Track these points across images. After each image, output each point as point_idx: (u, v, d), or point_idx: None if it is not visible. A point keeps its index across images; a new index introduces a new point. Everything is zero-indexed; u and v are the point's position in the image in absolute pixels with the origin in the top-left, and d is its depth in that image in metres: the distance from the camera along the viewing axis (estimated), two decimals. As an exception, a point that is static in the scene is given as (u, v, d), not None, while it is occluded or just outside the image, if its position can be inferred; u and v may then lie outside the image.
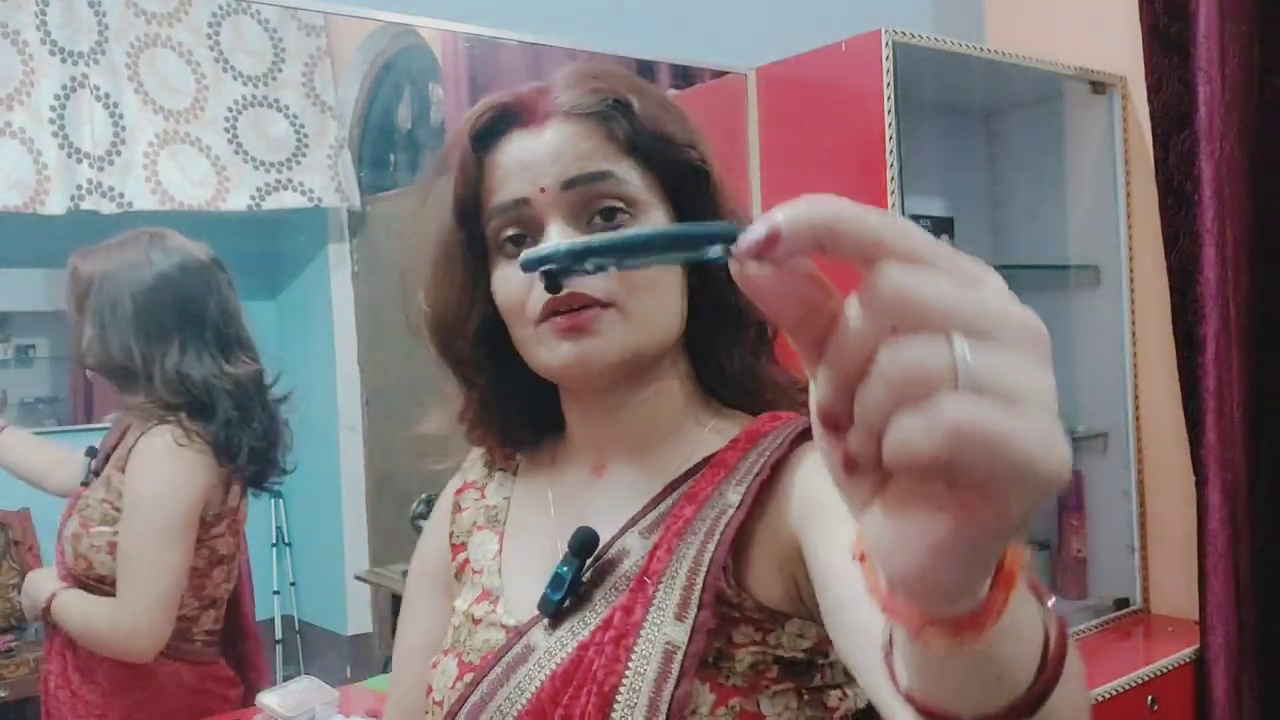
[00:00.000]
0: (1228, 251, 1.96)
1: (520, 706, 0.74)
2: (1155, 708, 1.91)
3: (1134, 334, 2.20)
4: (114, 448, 1.50)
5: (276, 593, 1.87)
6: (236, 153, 1.75)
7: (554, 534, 0.82)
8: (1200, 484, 2.00)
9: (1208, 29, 1.95)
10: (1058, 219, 2.28)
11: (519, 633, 0.78)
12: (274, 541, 1.87)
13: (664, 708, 0.68)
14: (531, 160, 0.77)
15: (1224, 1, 1.94)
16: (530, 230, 0.77)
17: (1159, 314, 2.11)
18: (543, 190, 0.76)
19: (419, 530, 1.93)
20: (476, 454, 0.95)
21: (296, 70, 1.81)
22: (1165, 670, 1.96)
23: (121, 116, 1.64)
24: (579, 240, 0.42)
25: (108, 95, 1.62)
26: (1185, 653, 2.00)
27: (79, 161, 1.59)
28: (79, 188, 1.58)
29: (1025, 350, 0.34)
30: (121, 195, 1.62)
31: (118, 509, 1.42)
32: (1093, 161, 2.24)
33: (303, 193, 1.82)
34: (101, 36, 1.62)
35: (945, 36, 1.92)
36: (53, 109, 1.56)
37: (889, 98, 1.78)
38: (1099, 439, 2.23)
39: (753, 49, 2.00)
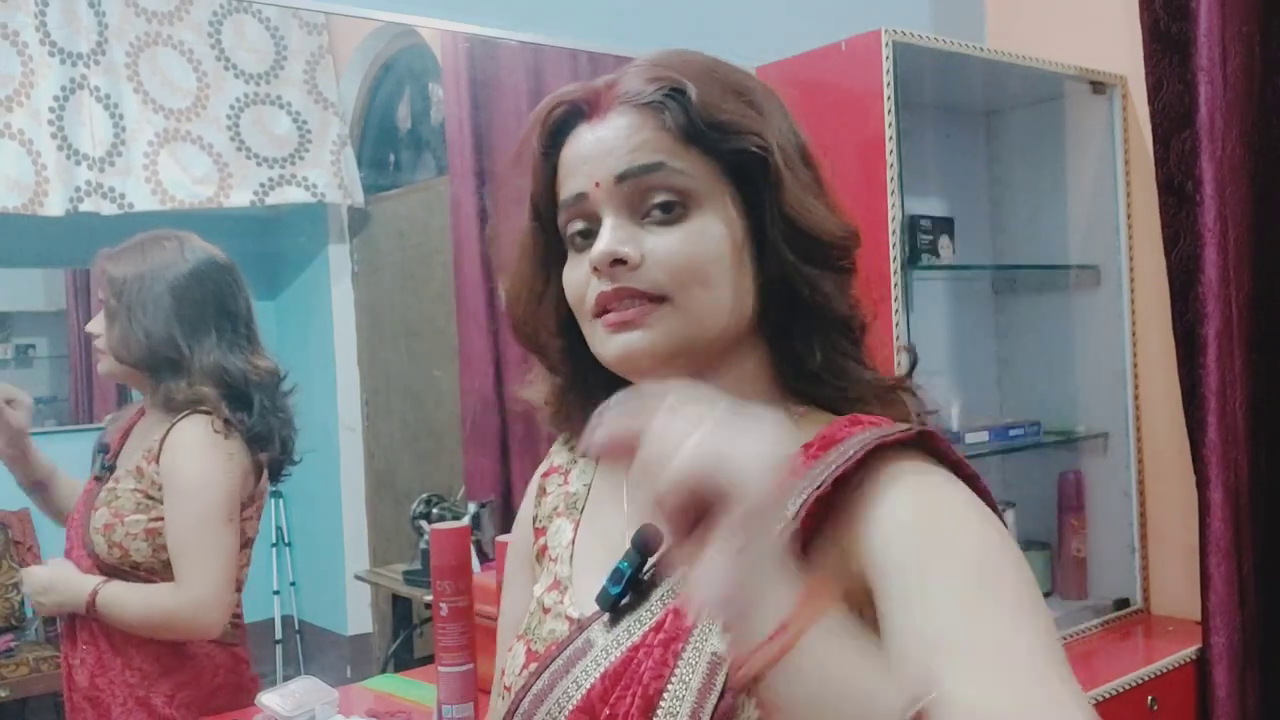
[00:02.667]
0: (1229, 251, 1.95)
1: (575, 702, 0.74)
2: (1155, 708, 1.91)
3: (1134, 334, 2.20)
4: (122, 442, 1.54)
5: (276, 593, 1.87)
6: (239, 149, 1.75)
7: (624, 526, 0.81)
8: (1202, 484, 2.00)
9: (1209, 29, 1.95)
10: (1058, 219, 2.28)
11: (581, 627, 0.78)
12: (274, 541, 1.87)
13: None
14: (589, 154, 0.77)
15: (1225, 1, 1.94)
16: (594, 224, 0.77)
17: (1159, 314, 2.11)
18: (597, 185, 0.76)
19: (419, 530, 1.94)
20: (564, 438, 0.94)
21: (298, 68, 1.81)
22: (1166, 670, 1.96)
23: (122, 117, 1.64)
24: None
25: (108, 95, 1.62)
26: (1186, 653, 2.00)
27: (78, 163, 1.59)
28: (78, 189, 1.59)
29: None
30: (122, 196, 1.62)
31: (151, 497, 1.48)
32: (1093, 161, 2.24)
33: (306, 188, 1.82)
34: (101, 36, 1.62)
35: (945, 36, 1.92)
36: (52, 110, 1.56)
37: (889, 98, 1.77)
38: (1099, 439, 2.23)
39: (753, 49, 2.00)
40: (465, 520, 1.84)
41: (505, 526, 2.00)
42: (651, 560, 0.76)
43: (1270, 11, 1.96)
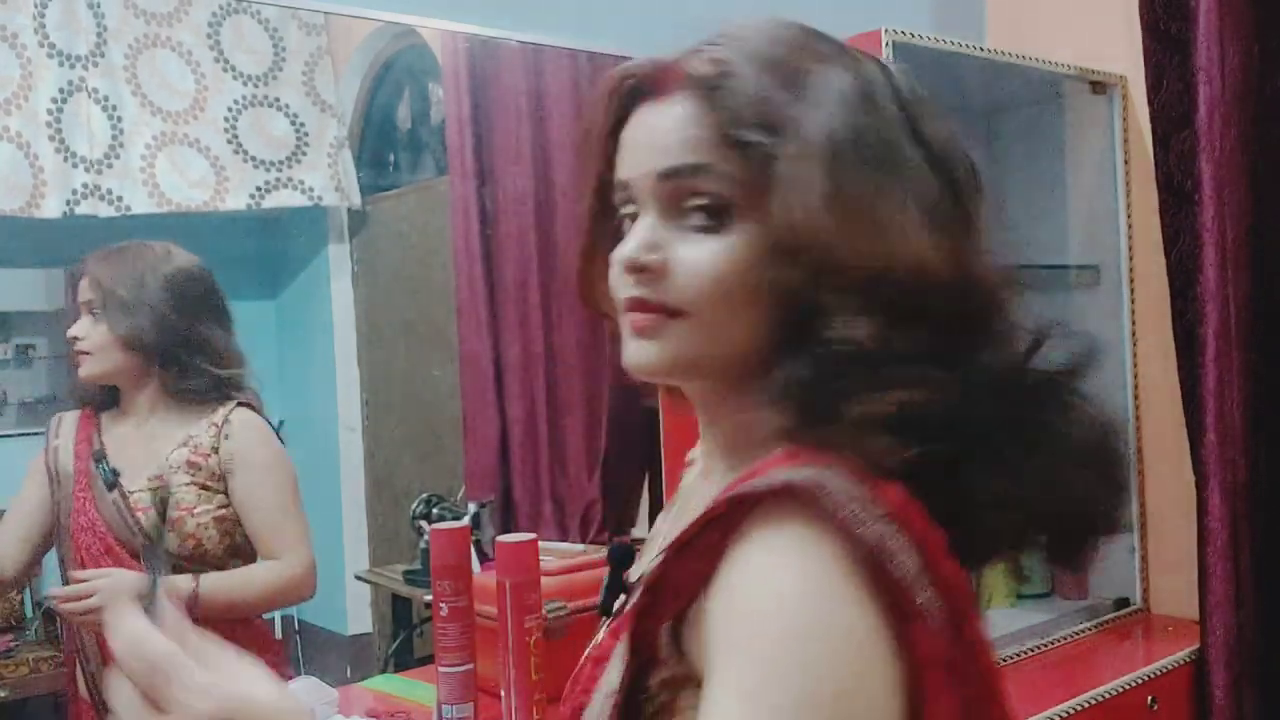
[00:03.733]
0: (1228, 251, 1.95)
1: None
2: (1155, 708, 1.91)
3: (1134, 334, 2.20)
4: (91, 440, 1.57)
5: (276, 593, 1.87)
6: (236, 152, 1.75)
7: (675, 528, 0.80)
8: (1200, 484, 2.00)
9: (1208, 29, 1.94)
10: (1058, 219, 2.28)
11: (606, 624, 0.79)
12: (274, 541, 1.87)
13: None
14: (642, 141, 0.72)
15: (1224, 1, 1.94)
16: (641, 211, 0.72)
17: (1159, 314, 2.11)
18: (642, 176, 0.71)
19: (419, 530, 1.94)
20: None
21: (297, 69, 1.82)
22: (1165, 670, 1.96)
23: (120, 119, 1.64)
24: None
25: (106, 97, 1.62)
26: (1185, 653, 2.00)
27: (75, 165, 1.59)
28: (75, 191, 1.59)
29: None
30: (119, 198, 1.62)
31: (208, 488, 1.54)
32: (1093, 161, 2.24)
33: (302, 191, 1.82)
34: (100, 38, 1.62)
35: (945, 36, 1.92)
36: (50, 112, 1.56)
37: (889, 98, 1.77)
38: (1099, 439, 2.23)
39: (753, 49, 1.99)
40: (465, 520, 1.84)
41: (505, 526, 2.00)
42: (630, 575, 0.77)
43: (1269, 12, 1.96)
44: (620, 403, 2.12)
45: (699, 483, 0.81)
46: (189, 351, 1.56)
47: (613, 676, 0.67)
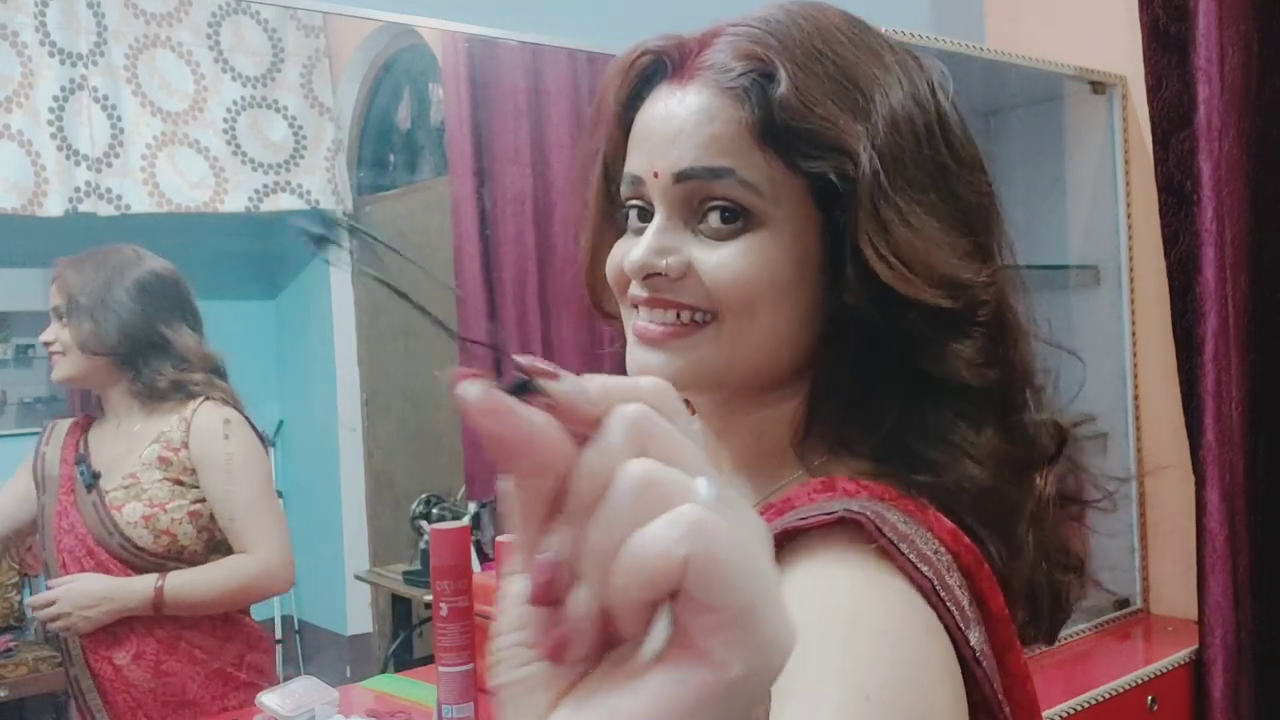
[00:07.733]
0: (1227, 251, 1.95)
1: None
2: (1155, 708, 1.91)
3: (1134, 334, 2.20)
4: (78, 445, 1.58)
5: (276, 592, 1.87)
6: (235, 154, 1.75)
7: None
8: (1199, 484, 2.00)
9: (1207, 29, 1.95)
10: (1058, 219, 2.28)
11: None
12: (274, 541, 1.87)
13: None
14: (656, 132, 0.65)
15: (1224, 1, 1.94)
16: (651, 207, 0.66)
17: (1159, 314, 2.11)
18: (655, 175, 0.65)
19: (419, 530, 1.94)
20: None
21: (295, 71, 1.81)
22: (1165, 670, 1.96)
23: (120, 119, 1.64)
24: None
25: (106, 97, 1.62)
26: (1185, 653, 2.00)
27: (77, 164, 1.59)
28: (77, 190, 1.59)
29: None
30: (119, 198, 1.63)
31: (183, 483, 1.55)
32: (1093, 161, 2.24)
33: (300, 195, 1.82)
34: (100, 38, 1.62)
35: (945, 36, 1.92)
36: (51, 111, 1.56)
37: (889, 98, 1.77)
38: (1099, 439, 2.23)
39: (752, 49, 1.99)
40: (465, 520, 1.84)
41: (505, 526, 2.00)
42: None
43: (1268, 12, 1.96)
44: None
45: None
46: (153, 353, 1.57)
47: None
